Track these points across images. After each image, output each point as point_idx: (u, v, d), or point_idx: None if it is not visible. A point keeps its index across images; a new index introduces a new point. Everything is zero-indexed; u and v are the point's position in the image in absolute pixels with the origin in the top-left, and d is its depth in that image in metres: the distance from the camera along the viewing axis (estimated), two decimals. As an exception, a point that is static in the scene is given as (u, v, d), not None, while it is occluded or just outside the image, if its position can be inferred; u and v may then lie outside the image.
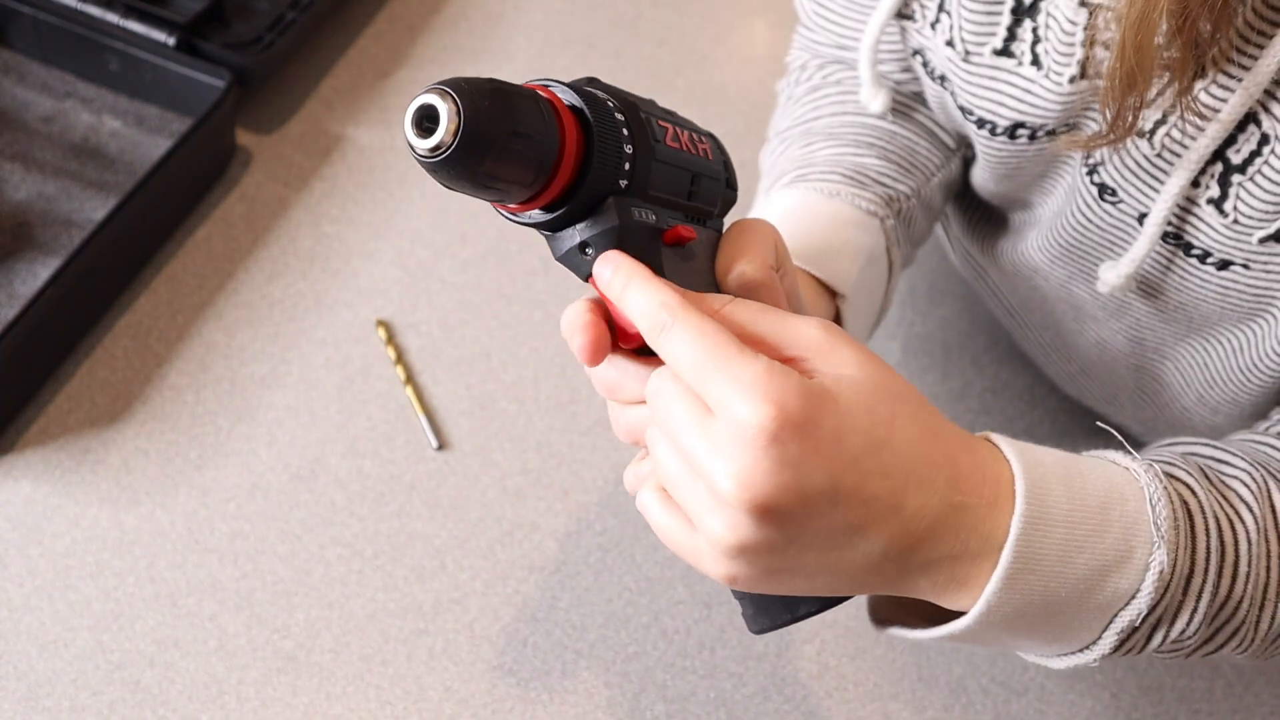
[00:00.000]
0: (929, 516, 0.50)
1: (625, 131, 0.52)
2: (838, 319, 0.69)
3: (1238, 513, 0.58)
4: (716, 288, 0.56)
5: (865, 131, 0.77)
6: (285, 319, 0.92)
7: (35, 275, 0.89)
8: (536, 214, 0.52)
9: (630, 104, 0.53)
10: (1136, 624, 0.55)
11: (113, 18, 0.97)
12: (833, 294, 0.69)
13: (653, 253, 0.54)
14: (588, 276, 0.53)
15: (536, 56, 1.11)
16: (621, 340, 0.54)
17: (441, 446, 0.87)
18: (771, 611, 0.57)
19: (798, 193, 0.73)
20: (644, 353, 0.54)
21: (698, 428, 0.48)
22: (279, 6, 1.02)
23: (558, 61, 1.11)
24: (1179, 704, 0.82)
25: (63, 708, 0.74)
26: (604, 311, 0.53)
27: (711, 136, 0.58)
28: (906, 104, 0.78)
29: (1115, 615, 0.55)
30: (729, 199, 0.59)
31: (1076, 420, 0.92)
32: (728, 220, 0.59)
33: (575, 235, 0.53)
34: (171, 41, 0.96)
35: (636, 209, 0.53)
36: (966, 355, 0.97)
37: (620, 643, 0.80)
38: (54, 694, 0.75)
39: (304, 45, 1.05)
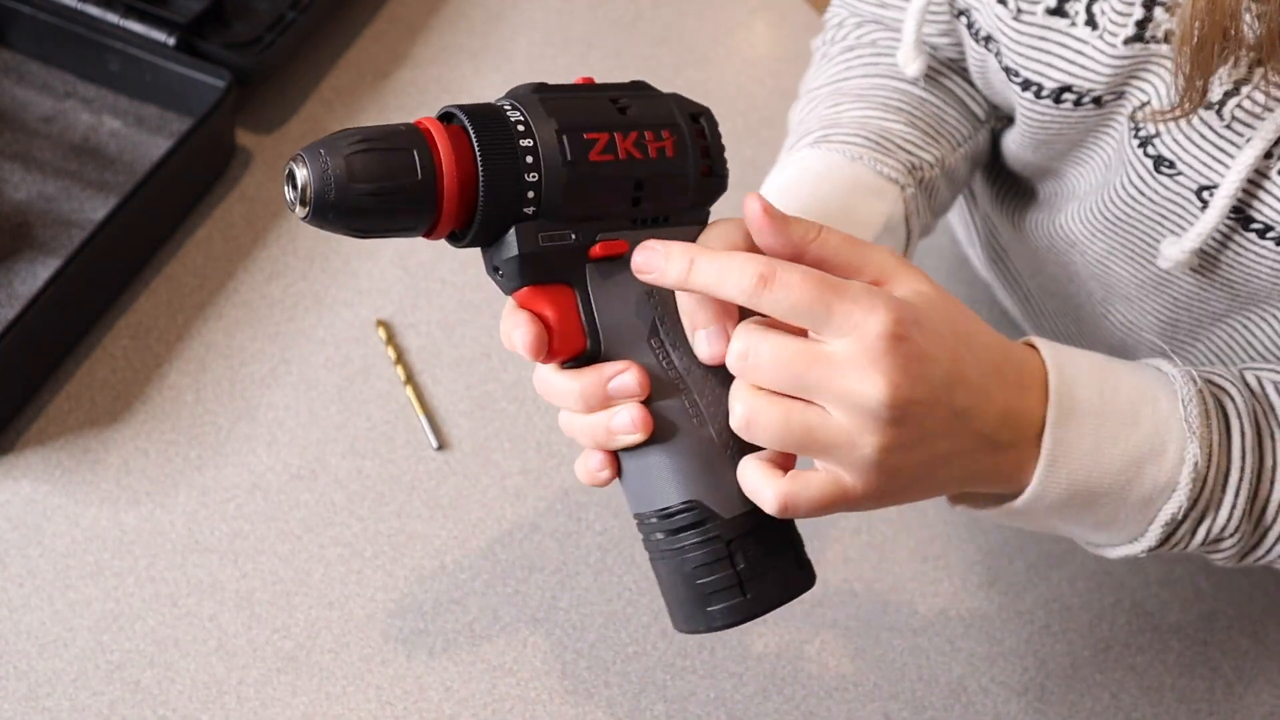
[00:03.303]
0: (1003, 400, 0.57)
1: (529, 159, 0.52)
2: None
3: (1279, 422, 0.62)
4: (649, 299, 0.57)
5: (894, 95, 0.77)
6: (285, 319, 0.92)
7: (35, 275, 0.89)
8: (445, 241, 0.54)
9: (548, 120, 0.53)
10: (1180, 517, 0.61)
11: (113, 18, 0.97)
12: None
13: (575, 273, 0.55)
14: (509, 293, 0.55)
15: (536, 57, 1.11)
16: (560, 352, 0.55)
17: (441, 446, 0.87)
18: (693, 619, 0.58)
19: (819, 153, 0.73)
20: (571, 365, 0.56)
21: (822, 360, 0.52)
22: (279, 6, 1.02)
23: (558, 61, 1.11)
24: (1179, 704, 0.82)
25: (63, 708, 0.74)
26: (538, 320, 0.55)
27: (676, 124, 0.57)
28: (940, 71, 0.78)
29: (1159, 510, 0.60)
30: (709, 188, 0.58)
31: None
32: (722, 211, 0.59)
33: (489, 257, 0.54)
34: (171, 41, 0.96)
35: (547, 233, 0.53)
36: (966, 355, 0.97)
37: (620, 643, 0.80)
38: (54, 694, 0.75)
39: (304, 45, 1.05)
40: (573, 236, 0.54)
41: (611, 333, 0.56)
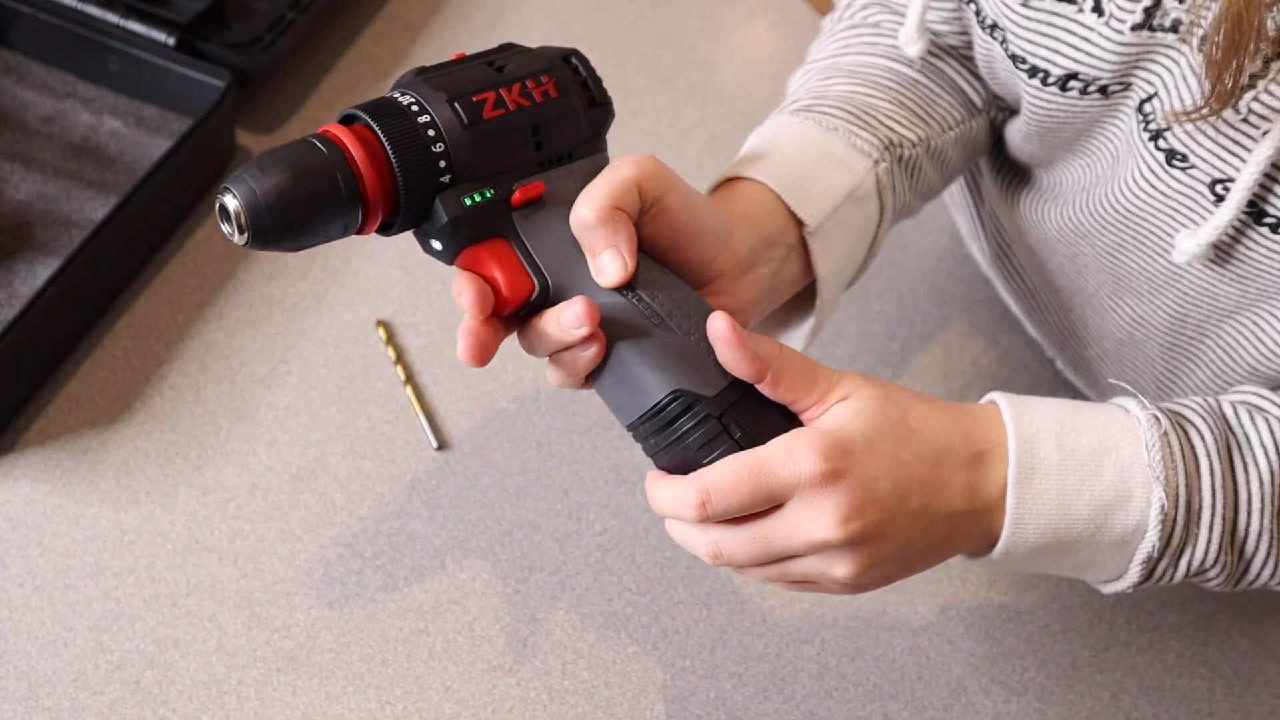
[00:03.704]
0: (961, 478, 0.61)
1: (431, 133, 0.56)
2: (804, 249, 0.70)
3: (1253, 454, 0.64)
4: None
5: (886, 75, 0.78)
6: (285, 319, 0.92)
7: (35, 275, 0.89)
8: (376, 233, 0.58)
9: (437, 94, 0.57)
10: (1155, 556, 0.63)
11: (113, 18, 0.97)
12: (800, 223, 0.70)
13: (504, 224, 0.59)
14: (451, 262, 0.59)
15: (536, 56, 1.11)
16: (513, 299, 0.59)
17: (441, 446, 0.87)
18: None
19: (797, 120, 0.74)
20: (517, 316, 0.61)
21: (778, 528, 0.58)
22: (279, 6, 1.02)
23: (558, 61, 1.11)
24: (1179, 704, 0.82)
25: (63, 708, 0.74)
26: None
27: (552, 68, 0.61)
28: (939, 56, 0.79)
29: (1135, 550, 0.63)
30: (598, 117, 0.62)
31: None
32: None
33: (423, 235, 0.59)
34: (171, 41, 0.96)
35: (467, 195, 0.57)
36: (966, 355, 0.97)
37: (620, 643, 0.80)
38: (54, 694, 0.75)
39: (304, 45, 1.05)
40: (491, 192, 0.58)
41: (553, 267, 0.60)
